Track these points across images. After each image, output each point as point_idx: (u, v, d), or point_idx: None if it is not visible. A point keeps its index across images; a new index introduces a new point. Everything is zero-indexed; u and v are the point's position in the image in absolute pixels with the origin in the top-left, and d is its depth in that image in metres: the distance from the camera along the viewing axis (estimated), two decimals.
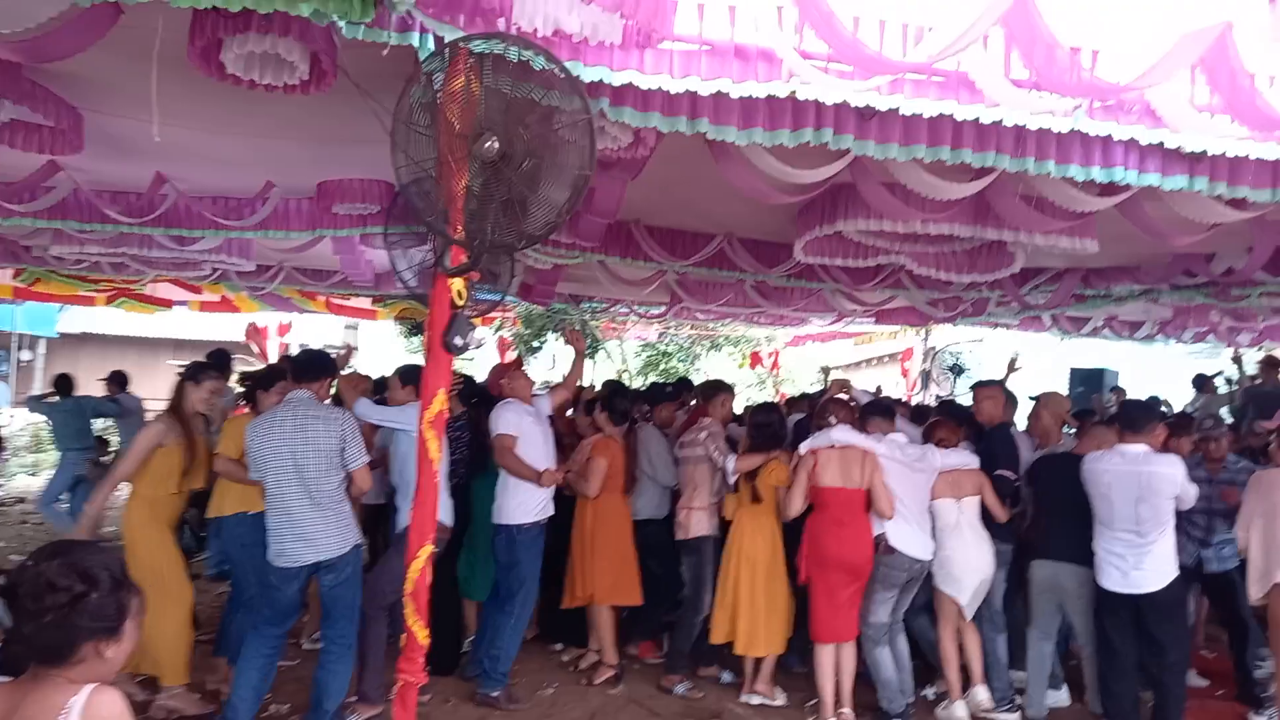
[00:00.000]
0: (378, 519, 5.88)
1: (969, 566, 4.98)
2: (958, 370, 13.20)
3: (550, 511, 5.16)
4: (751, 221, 6.63)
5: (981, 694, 5.05)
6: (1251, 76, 3.17)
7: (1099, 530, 4.56)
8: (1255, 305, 7.31)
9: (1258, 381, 9.77)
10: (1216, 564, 5.40)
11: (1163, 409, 9.00)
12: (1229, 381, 10.42)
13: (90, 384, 9.54)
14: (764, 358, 18.45)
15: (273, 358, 12.31)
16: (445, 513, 4.55)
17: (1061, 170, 3.81)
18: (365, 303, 12.67)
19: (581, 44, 2.91)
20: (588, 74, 3.03)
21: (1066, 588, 4.85)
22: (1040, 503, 5.09)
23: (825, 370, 8.77)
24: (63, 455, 8.85)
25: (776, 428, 5.36)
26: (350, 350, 5.62)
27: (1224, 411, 9.68)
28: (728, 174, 4.32)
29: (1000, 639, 5.25)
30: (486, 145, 2.90)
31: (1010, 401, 5.99)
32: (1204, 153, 3.59)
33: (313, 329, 18.20)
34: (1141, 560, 4.41)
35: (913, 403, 10.70)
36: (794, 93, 3.24)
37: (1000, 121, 3.39)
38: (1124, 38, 3.24)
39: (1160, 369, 13.84)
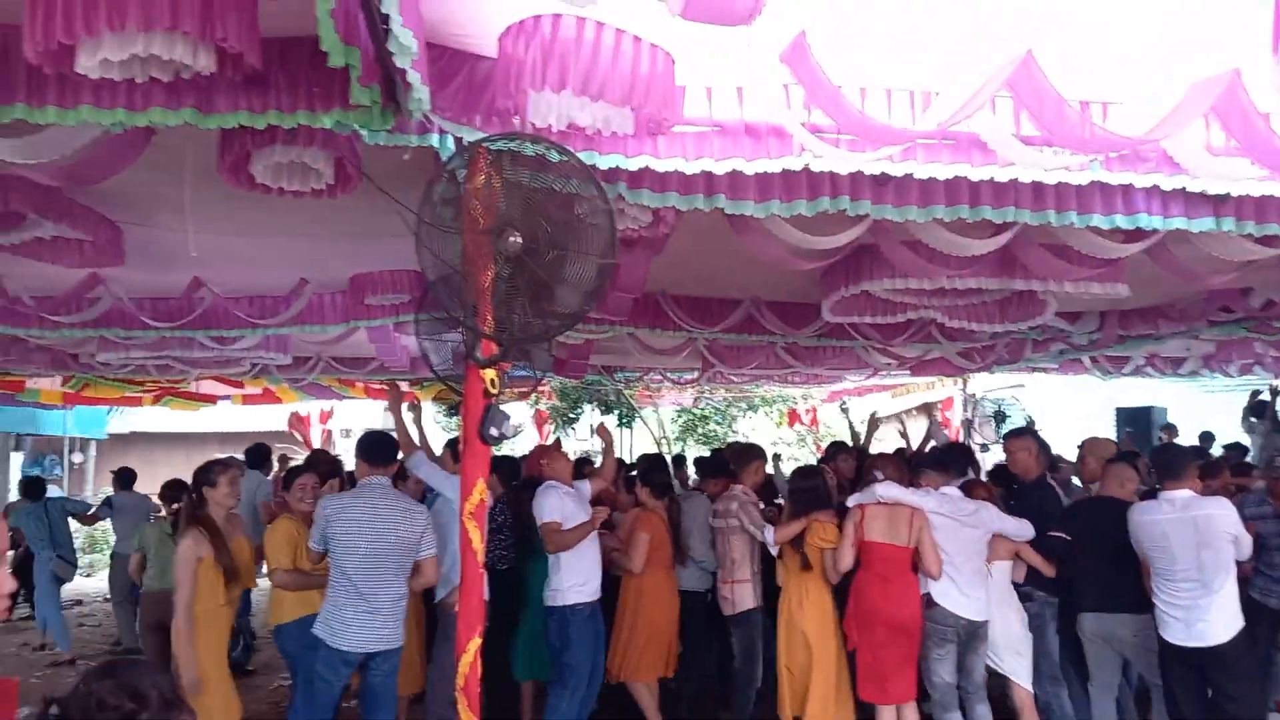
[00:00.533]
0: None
1: (1001, 633, 4.92)
2: (1001, 417, 13.00)
3: (599, 592, 5.12)
4: (777, 285, 6.66)
5: None
6: (1266, 117, 3.17)
7: (1158, 583, 4.38)
8: None
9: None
10: (1259, 595, 5.18)
11: (1205, 446, 8.81)
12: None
13: (140, 483, 9.70)
14: (802, 415, 18.33)
15: (316, 444, 12.50)
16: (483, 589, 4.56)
17: (1084, 220, 3.80)
18: (404, 386, 12.83)
19: (595, 135, 2.99)
20: (603, 162, 3.10)
21: (1123, 639, 4.67)
22: (1078, 549, 4.89)
23: (874, 421, 8.70)
24: (36, 557, 8.91)
25: (820, 491, 5.28)
26: (418, 407, 5.67)
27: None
28: (749, 245, 4.36)
29: (1062, 693, 5.10)
30: (510, 240, 2.96)
31: (1043, 450, 5.87)
32: (1227, 194, 3.57)
33: (354, 414, 18.45)
34: (1206, 612, 4.22)
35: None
36: (807, 165, 3.28)
37: (1016, 179, 3.41)
38: (1133, 89, 3.26)
39: (1209, 403, 13.48)
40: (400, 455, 4.74)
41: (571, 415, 14.99)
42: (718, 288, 6.95)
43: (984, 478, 6.06)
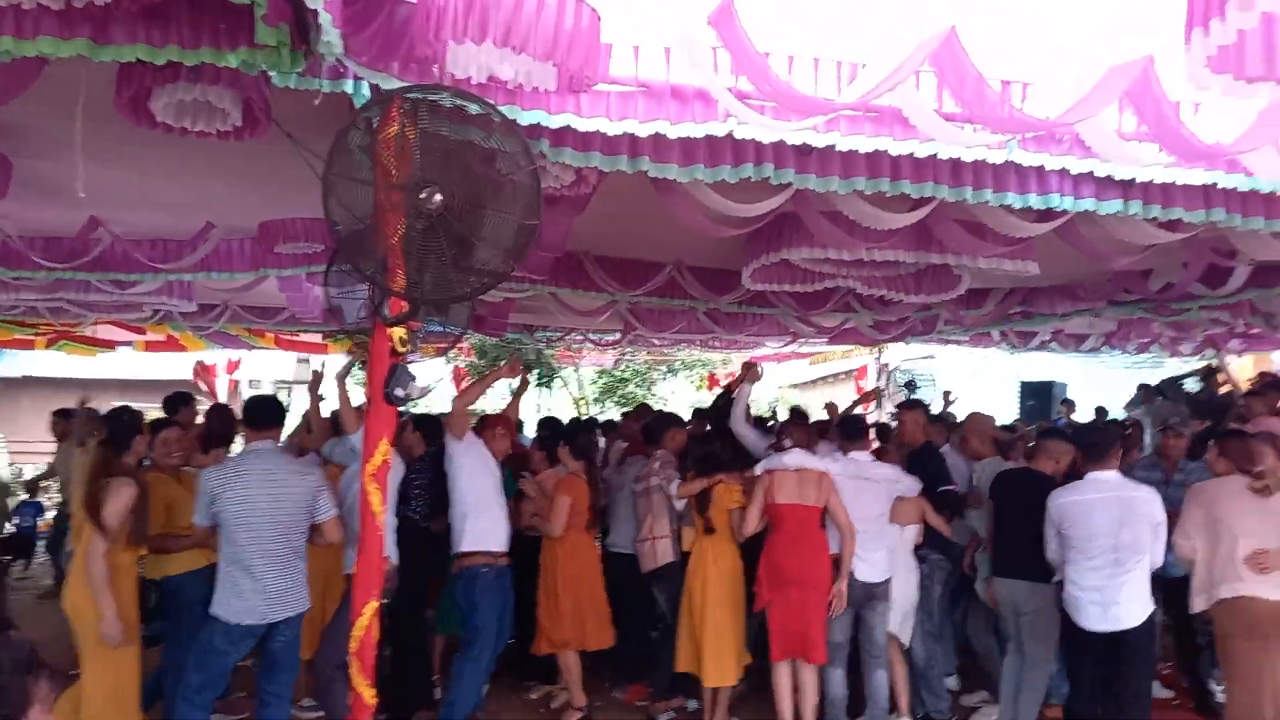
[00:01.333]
0: None
1: (898, 594, 5.07)
2: (912, 386, 13.30)
3: (505, 544, 5.08)
4: (701, 250, 6.66)
5: None
6: (1176, 106, 3.26)
7: (1075, 564, 4.40)
8: (1194, 318, 7.51)
9: (1198, 392, 9.98)
10: (1175, 569, 5.43)
11: (1110, 422, 9.22)
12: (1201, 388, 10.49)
13: (33, 428, 9.25)
14: (721, 379, 18.53)
15: (222, 396, 12.08)
16: (391, 550, 4.47)
17: (999, 198, 3.87)
18: (316, 338, 12.50)
19: (517, 90, 2.90)
20: (525, 118, 3.02)
21: (1020, 604, 4.82)
22: (997, 518, 5.05)
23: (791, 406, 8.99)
24: None
25: (719, 454, 5.34)
26: (318, 377, 5.48)
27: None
28: (672, 209, 4.32)
29: (938, 648, 5.34)
30: (428, 196, 2.86)
31: (938, 421, 6.08)
32: (1134, 179, 3.68)
33: (263, 364, 17.91)
34: (1119, 593, 4.28)
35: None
36: (731, 132, 3.26)
37: (936, 155, 3.45)
38: (1053, 70, 3.32)
39: (1106, 378, 14.11)
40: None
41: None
42: (642, 250, 6.91)
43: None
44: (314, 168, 3.12)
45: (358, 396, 4.51)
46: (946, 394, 8.29)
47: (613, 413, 17.37)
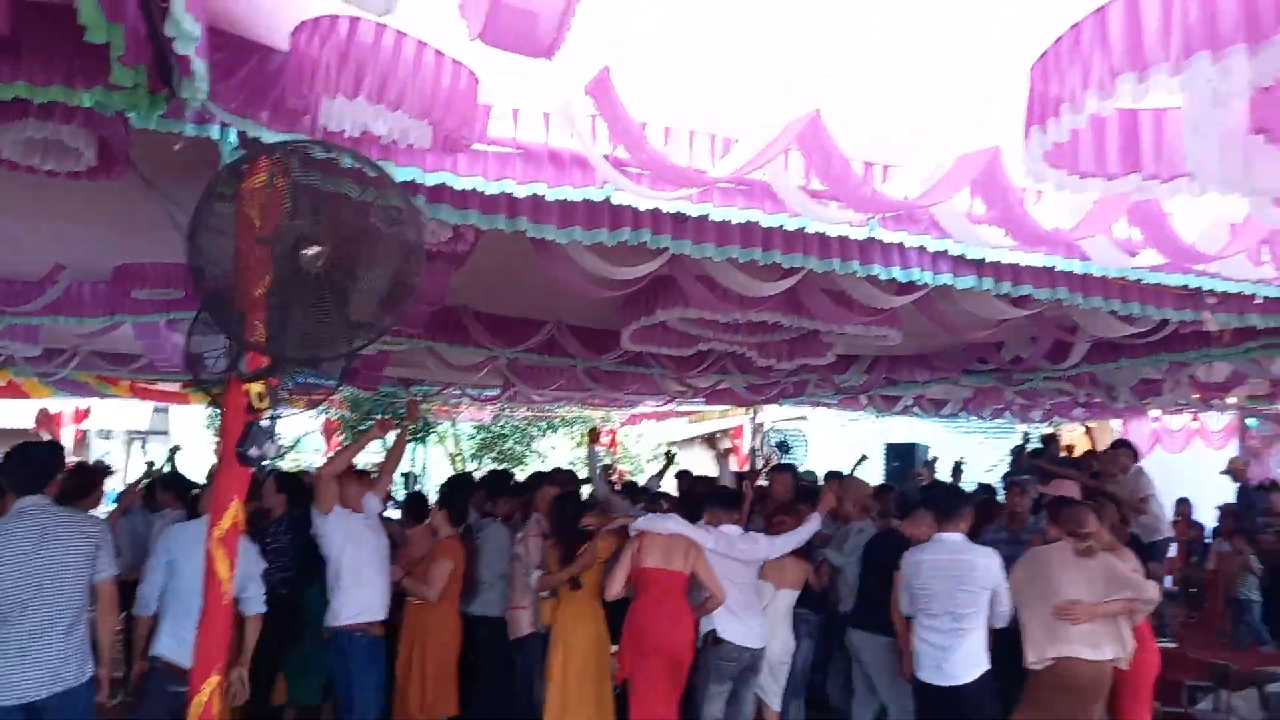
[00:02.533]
0: None
1: (773, 654, 5.13)
2: (784, 447, 13.60)
3: (384, 613, 4.86)
4: (581, 309, 6.69)
5: None
6: (1021, 193, 3.51)
7: (919, 622, 4.60)
8: (1040, 388, 8.02)
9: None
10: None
11: (957, 475, 9.70)
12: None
13: None
14: (601, 436, 18.52)
15: (67, 445, 11.25)
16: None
17: (866, 270, 4.07)
18: (174, 386, 11.84)
19: (391, 146, 2.87)
20: (399, 174, 2.98)
21: (866, 655, 4.97)
22: (864, 576, 5.21)
23: (669, 453, 9.01)
24: None
25: (577, 514, 5.26)
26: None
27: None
28: (550, 270, 4.35)
29: (796, 703, 5.44)
30: (297, 249, 2.77)
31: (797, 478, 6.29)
32: (984, 259, 3.93)
33: (115, 414, 16.86)
34: (955, 651, 4.46)
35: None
36: (609, 197, 3.31)
37: (805, 228, 3.59)
38: (912, 152, 3.52)
39: (964, 442, 14.82)
40: None
41: (363, 427, 14.35)
42: (522, 307, 6.89)
43: None
44: (173, 214, 2.99)
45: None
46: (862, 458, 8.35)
47: (490, 469, 17.09)
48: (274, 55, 2.73)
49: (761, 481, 6.63)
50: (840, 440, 15.31)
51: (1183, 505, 10.46)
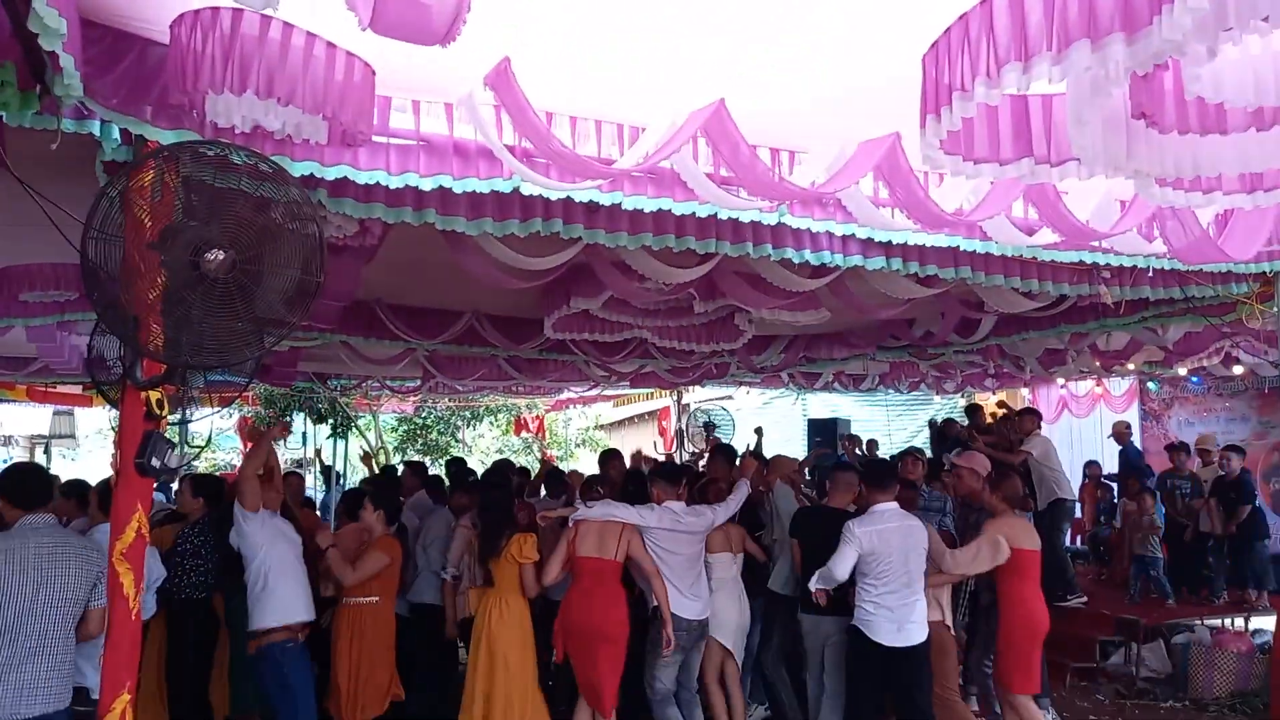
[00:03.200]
0: None
1: (730, 618, 5.27)
2: (710, 427, 13.75)
3: (310, 614, 4.73)
4: (500, 299, 6.62)
5: None
6: (924, 176, 3.58)
7: (868, 589, 4.68)
8: (952, 360, 8.28)
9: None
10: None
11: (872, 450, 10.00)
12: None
13: None
14: (529, 423, 18.43)
15: None
16: None
17: (779, 254, 4.11)
18: (77, 389, 11.35)
19: (286, 140, 2.77)
20: (296, 168, 2.88)
21: (830, 635, 5.03)
22: (804, 556, 5.20)
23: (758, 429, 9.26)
24: None
25: (503, 506, 5.28)
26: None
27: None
28: (462, 262, 4.28)
29: (747, 678, 5.56)
30: (192, 249, 2.66)
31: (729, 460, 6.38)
32: (891, 240, 4.01)
33: (14, 418, 16.12)
34: (912, 612, 4.64)
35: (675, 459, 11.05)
36: (518, 188, 3.27)
37: (716, 214, 3.61)
38: (818, 138, 3.56)
39: (884, 415, 15.18)
40: None
41: (262, 427, 13.95)
42: (440, 298, 6.78)
43: None
44: (50, 215, 2.84)
45: None
46: (759, 430, 8.83)
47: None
48: (154, 48, 2.61)
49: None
50: (764, 418, 15.51)
51: (1092, 467, 10.91)
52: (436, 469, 10.78)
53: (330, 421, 13.67)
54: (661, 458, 12.04)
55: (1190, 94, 2.15)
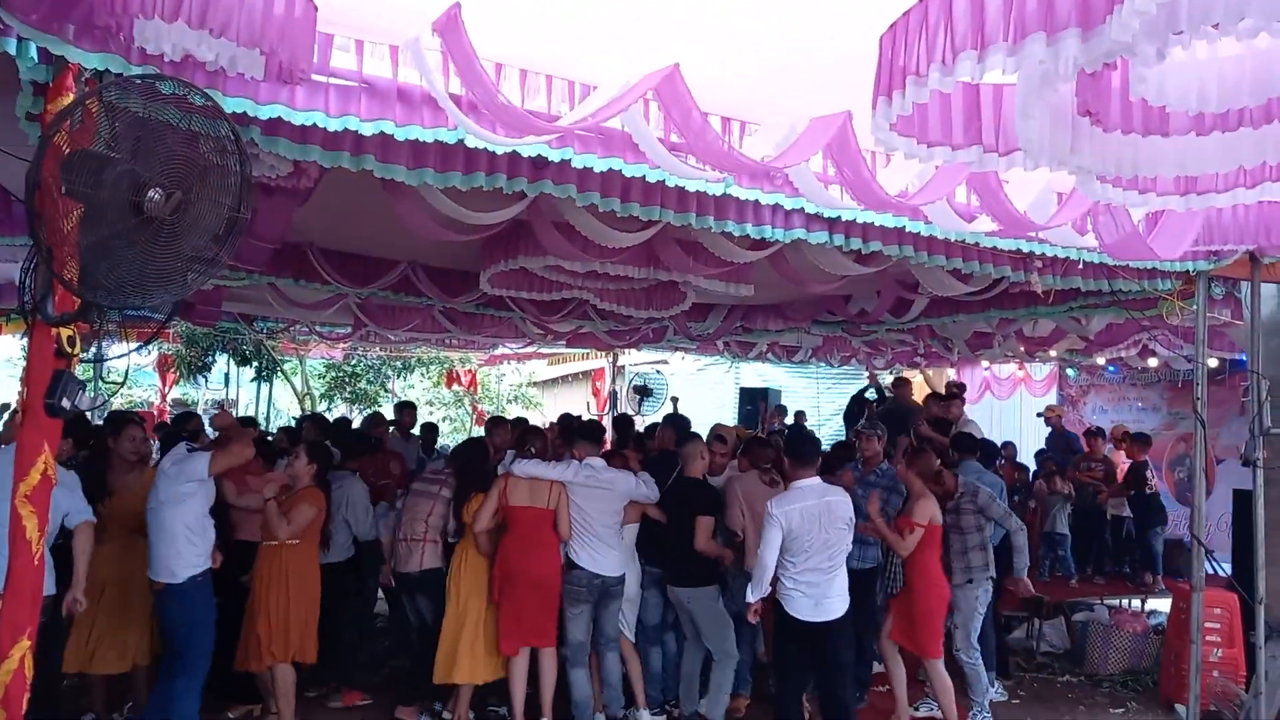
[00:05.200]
0: None
1: (627, 587, 5.29)
2: (645, 391, 13.81)
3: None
4: (438, 250, 6.48)
5: (645, 716, 5.34)
6: (872, 156, 3.59)
7: (790, 565, 4.66)
8: (884, 338, 8.43)
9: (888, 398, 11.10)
10: (857, 562, 5.93)
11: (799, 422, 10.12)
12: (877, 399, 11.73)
13: None
14: (461, 377, 18.24)
15: None
16: (49, 581, 3.92)
17: (720, 225, 4.09)
18: None
19: (219, 73, 2.64)
20: (229, 104, 2.75)
21: (693, 607, 5.13)
22: (679, 532, 5.20)
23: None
24: None
25: (478, 466, 5.35)
26: None
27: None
28: (400, 211, 4.16)
29: (655, 651, 5.56)
30: (119, 178, 2.53)
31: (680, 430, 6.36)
32: (838, 217, 4.03)
33: None
34: (830, 588, 4.64)
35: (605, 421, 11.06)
36: (463, 139, 3.17)
37: (664, 180, 3.56)
38: (768, 110, 3.54)
39: (813, 388, 15.43)
40: None
41: (201, 363, 13.50)
42: (375, 246, 6.61)
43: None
44: None
45: None
46: (674, 400, 8.84)
47: (342, 409, 16.52)
48: None
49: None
50: (697, 384, 15.63)
51: (1007, 448, 11.24)
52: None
53: (255, 364, 13.31)
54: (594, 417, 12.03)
55: (1135, 95, 2.19)
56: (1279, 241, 4.40)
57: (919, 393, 9.90)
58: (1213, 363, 8.41)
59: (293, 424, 8.26)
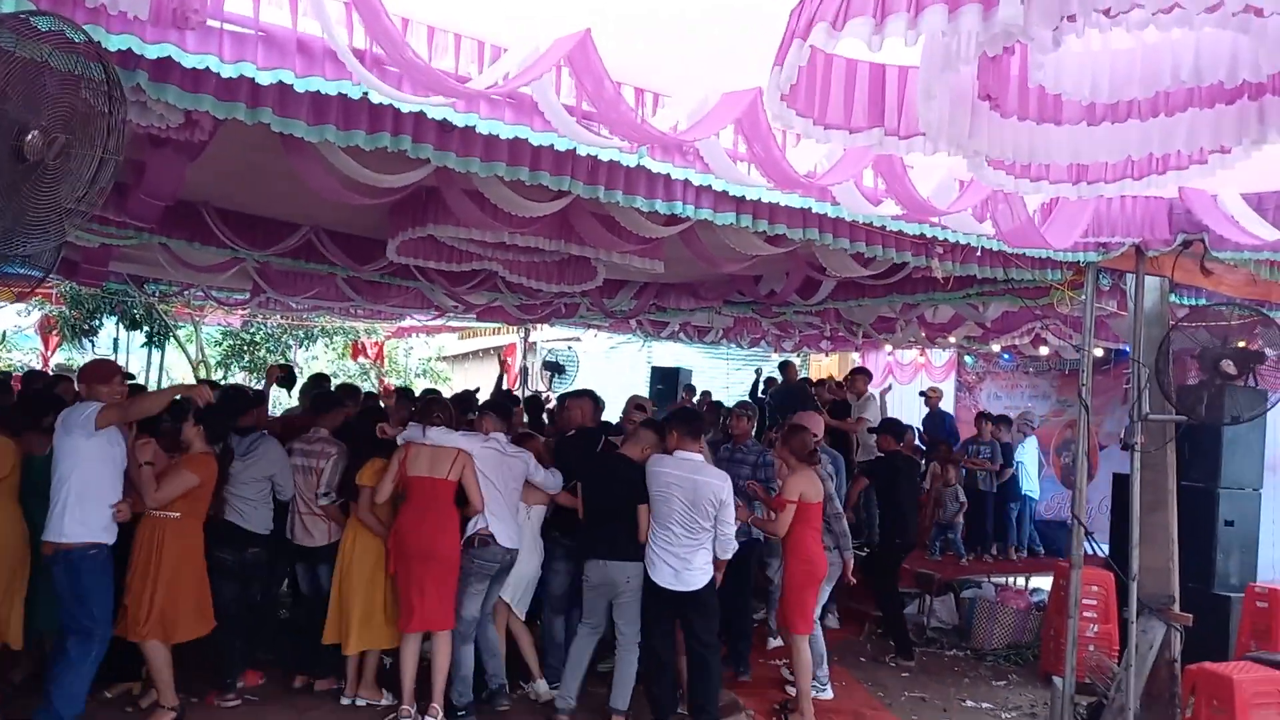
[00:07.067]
0: None
1: (520, 571, 5.27)
2: (556, 368, 13.73)
3: (114, 534, 4.46)
4: (343, 215, 6.28)
5: (541, 686, 5.37)
6: (782, 135, 3.61)
7: (656, 529, 4.85)
8: (791, 320, 8.57)
9: (779, 382, 11.28)
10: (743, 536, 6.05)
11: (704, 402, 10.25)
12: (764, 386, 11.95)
13: None
14: (367, 349, 17.80)
15: None
16: None
17: (629, 200, 4.06)
18: None
19: (100, 10, 2.47)
20: (112, 42, 2.58)
21: (617, 584, 5.02)
22: (587, 503, 5.19)
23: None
24: None
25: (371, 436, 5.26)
26: None
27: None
28: (300, 169, 4.01)
29: (558, 621, 5.57)
30: (19, 130, 2.37)
31: (598, 405, 6.31)
32: (745, 196, 4.05)
33: None
34: (691, 559, 4.80)
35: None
36: (368, 95, 3.06)
37: (575, 150, 3.51)
38: (681, 84, 3.52)
39: (723, 368, 15.64)
40: None
41: (87, 326, 12.79)
42: (276, 208, 6.36)
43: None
44: None
45: None
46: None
47: (239, 378, 15.94)
48: None
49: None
50: (610, 363, 15.64)
51: (908, 433, 11.60)
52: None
53: (145, 329, 12.71)
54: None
55: (1033, 81, 2.25)
56: (1163, 235, 4.63)
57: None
58: (1098, 352, 8.84)
59: None
